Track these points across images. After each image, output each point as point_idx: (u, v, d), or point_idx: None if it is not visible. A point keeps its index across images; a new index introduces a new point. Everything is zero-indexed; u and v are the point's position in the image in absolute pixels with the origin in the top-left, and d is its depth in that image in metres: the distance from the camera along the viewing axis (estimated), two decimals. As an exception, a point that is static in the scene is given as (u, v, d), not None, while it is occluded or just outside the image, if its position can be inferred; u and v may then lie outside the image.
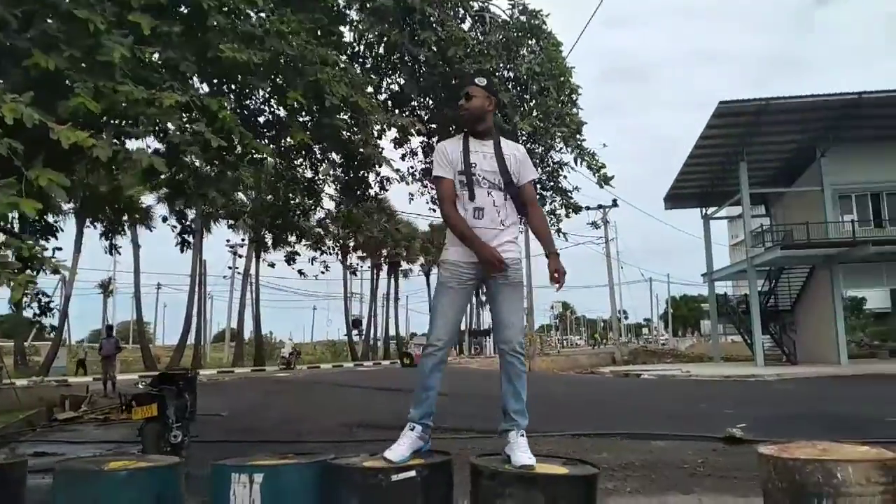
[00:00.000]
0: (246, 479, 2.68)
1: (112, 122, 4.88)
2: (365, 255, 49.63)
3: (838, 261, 23.47)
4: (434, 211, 10.31)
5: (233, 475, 2.70)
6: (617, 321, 36.28)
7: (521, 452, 2.79)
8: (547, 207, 8.94)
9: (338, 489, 2.69)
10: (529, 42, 8.10)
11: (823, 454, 2.77)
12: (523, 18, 7.91)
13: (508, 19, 8.07)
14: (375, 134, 7.40)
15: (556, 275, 3.09)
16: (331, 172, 8.30)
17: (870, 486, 2.57)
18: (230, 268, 41.17)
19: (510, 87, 7.74)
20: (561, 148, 7.68)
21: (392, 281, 54.33)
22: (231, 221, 28.47)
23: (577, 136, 7.95)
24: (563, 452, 6.85)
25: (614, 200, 32.72)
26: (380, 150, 7.69)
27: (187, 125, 5.33)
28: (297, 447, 7.86)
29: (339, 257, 45.04)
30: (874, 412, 10.50)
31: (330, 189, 9.99)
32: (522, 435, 2.93)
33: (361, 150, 6.81)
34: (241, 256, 38.15)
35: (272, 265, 12.20)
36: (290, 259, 11.81)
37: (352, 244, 46.69)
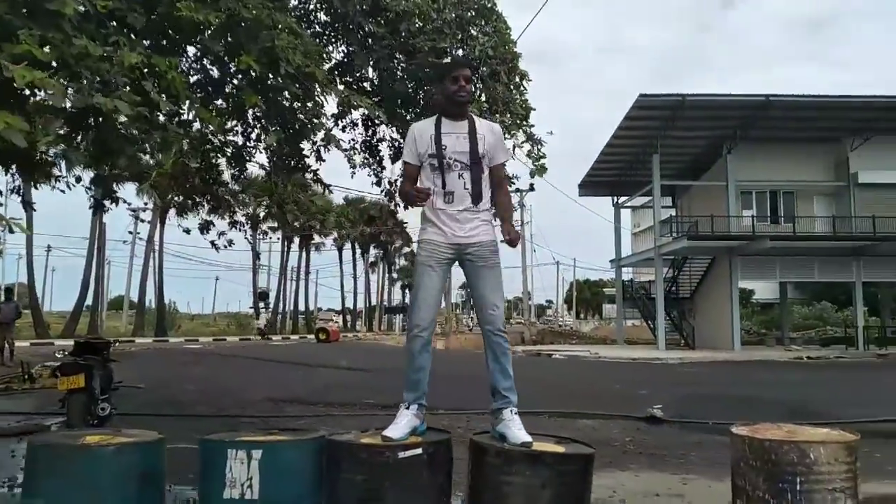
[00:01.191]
0: (244, 455, 2.61)
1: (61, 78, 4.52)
2: (276, 226, 48.38)
3: (737, 253, 25.04)
4: (377, 185, 10.16)
5: (229, 451, 2.62)
6: (528, 302, 37.21)
7: (518, 430, 2.85)
8: None
9: (341, 466, 2.66)
10: (481, 23, 8.07)
11: (793, 436, 2.99)
12: (473, -1, 7.87)
13: (462, -2, 7.99)
14: (326, 106, 7.20)
15: (511, 236, 3.18)
16: (264, 140, 8.01)
17: (837, 465, 2.81)
18: (130, 233, 39.02)
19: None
20: (509, 135, 7.73)
21: (303, 254, 53.36)
22: (138, 185, 27.06)
23: (525, 122, 8.04)
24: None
25: (531, 184, 33.31)
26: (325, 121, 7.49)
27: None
28: (229, 422, 7.69)
29: (249, 228, 43.80)
30: (776, 396, 11.37)
31: (262, 157, 9.66)
32: (515, 412, 2.98)
33: (314, 120, 6.62)
34: (143, 221, 36.33)
35: (187, 231, 11.61)
36: (205, 228, 11.37)
37: (262, 214, 45.49)
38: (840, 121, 25.15)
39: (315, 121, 6.89)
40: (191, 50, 6.50)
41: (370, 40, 7.85)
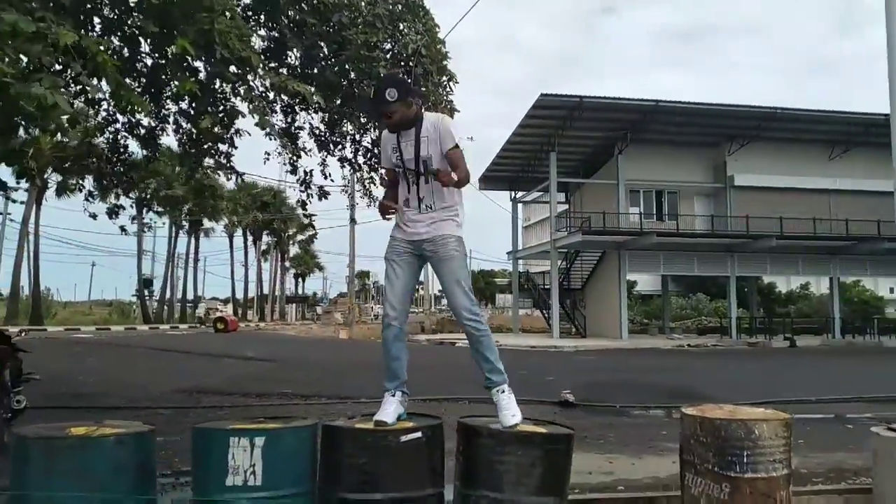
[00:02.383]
0: (247, 443, 2.63)
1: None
2: (163, 209, 45.98)
3: (626, 247, 26.57)
4: (292, 174, 10.01)
5: (231, 439, 2.64)
6: (429, 292, 37.61)
7: (506, 412, 3.04)
8: None
9: (342, 450, 2.76)
10: (412, 20, 8.15)
11: (739, 415, 3.37)
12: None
13: (392, -9, 8.03)
14: (260, 90, 7.09)
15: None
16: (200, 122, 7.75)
17: (777, 440, 3.20)
18: (1, 213, 35.92)
19: (399, 63, 7.79)
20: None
21: (192, 240, 51.07)
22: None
23: (451, 122, 8.17)
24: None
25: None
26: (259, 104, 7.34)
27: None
28: (143, 413, 7.41)
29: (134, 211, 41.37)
30: (670, 380, 12.32)
31: (171, 140, 9.32)
32: (503, 391, 3.16)
33: (249, 104, 6.49)
34: (14, 202, 33.48)
35: (94, 216, 10.92)
36: (113, 213, 10.83)
37: (148, 196, 43.09)
38: (720, 127, 27.22)
39: (250, 105, 6.76)
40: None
41: (297, 27, 7.76)
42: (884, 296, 57.40)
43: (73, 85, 5.55)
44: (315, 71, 8.28)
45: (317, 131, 9.21)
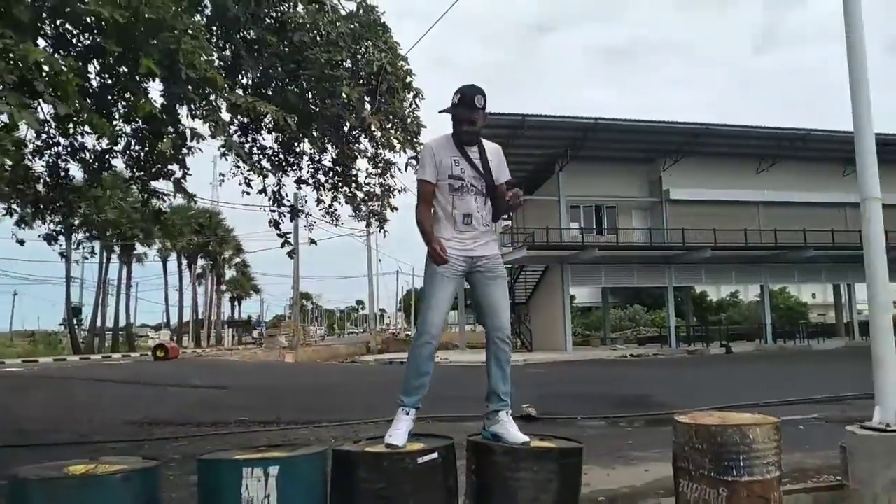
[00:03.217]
0: (261, 473, 2.55)
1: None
2: (91, 234, 44.10)
3: (568, 262, 27.11)
4: (247, 195, 9.81)
5: (244, 469, 2.56)
6: (374, 311, 37.32)
7: (515, 430, 3.06)
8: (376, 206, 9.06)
9: (358, 475, 2.71)
10: (374, 38, 8.17)
11: (732, 421, 3.49)
12: (360, 12, 7.96)
13: (354, 10, 8.05)
14: (223, 111, 6.94)
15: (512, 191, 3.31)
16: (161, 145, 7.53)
17: (768, 443, 3.33)
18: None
19: (361, 81, 7.77)
20: (401, 149, 7.89)
21: (124, 266, 49.11)
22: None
23: (416, 139, 8.23)
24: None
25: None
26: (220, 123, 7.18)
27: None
28: (94, 449, 7.06)
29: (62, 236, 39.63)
30: (620, 390, 12.57)
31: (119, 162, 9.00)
32: (510, 413, 3.20)
33: (211, 126, 6.35)
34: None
35: (21, 242, 10.37)
36: (52, 238, 10.37)
37: (76, 221, 41.33)
38: (655, 143, 28.21)
39: (212, 126, 6.62)
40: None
41: (256, 46, 7.66)
42: (807, 301, 60.41)
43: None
44: (271, 91, 8.18)
45: (269, 151, 9.07)
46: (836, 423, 7.94)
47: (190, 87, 6.14)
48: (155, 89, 6.63)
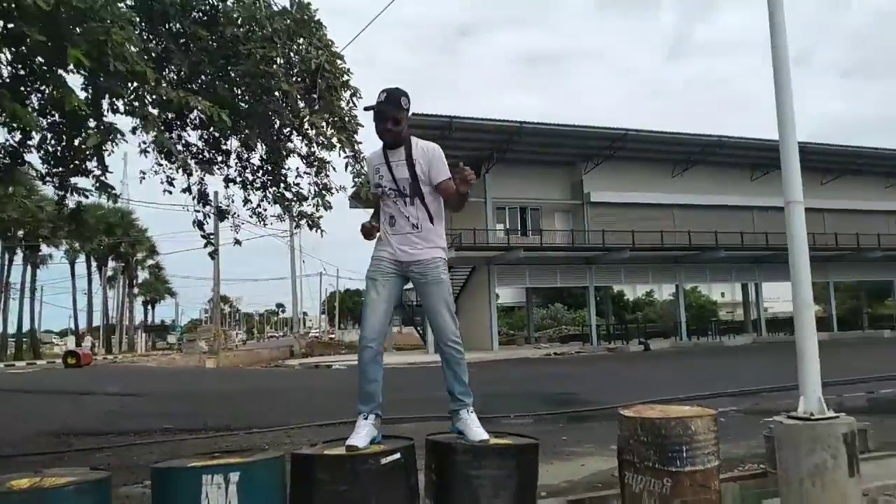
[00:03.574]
0: (221, 480, 2.49)
1: None
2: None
3: (495, 262, 27.51)
4: (169, 193, 9.44)
5: (204, 476, 2.49)
6: (297, 315, 36.60)
7: (476, 428, 3.09)
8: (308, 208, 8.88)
9: (319, 478, 2.67)
10: (309, 35, 8.05)
11: (674, 413, 3.63)
12: (293, 8, 7.83)
13: (287, 6, 7.91)
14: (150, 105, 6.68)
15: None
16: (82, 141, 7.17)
17: (708, 434, 3.49)
18: None
19: (297, 79, 7.65)
20: (340, 148, 7.81)
21: (28, 268, 46.25)
22: None
23: (354, 138, 8.17)
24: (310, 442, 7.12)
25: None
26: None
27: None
28: (11, 463, 6.65)
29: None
30: (549, 388, 12.86)
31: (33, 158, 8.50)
32: (471, 412, 3.22)
33: (141, 121, 6.11)
34: None
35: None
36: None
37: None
38: (576, 147, 29.02)
39: (142, 122, 6.36)
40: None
41: (185, 39, 7.41)
42: (717, 300, 63.56)
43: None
44: (200, 86, 7.93)
45: (193, 149, 8.79)
46: (753, 415, 8.42)
47: (119, 80, 5.89)
48: (72, 81, 6.31)
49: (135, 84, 6.03)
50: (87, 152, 7.96)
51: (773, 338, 34.20)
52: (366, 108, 3.38)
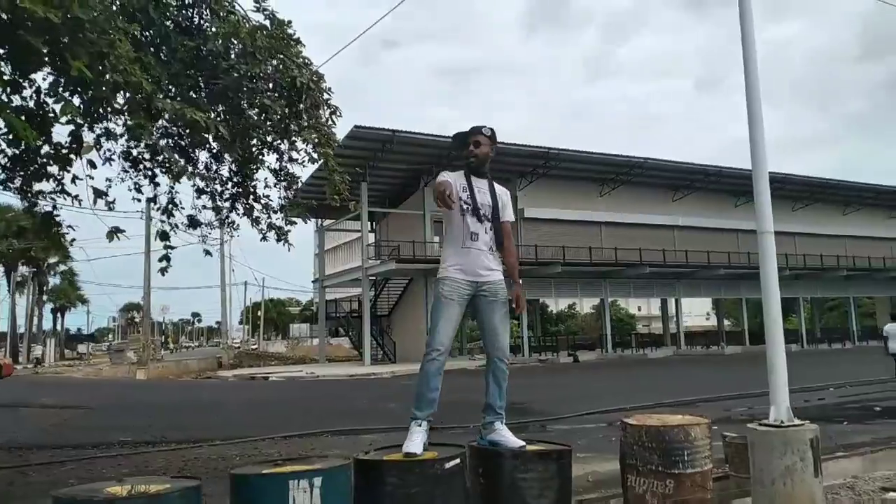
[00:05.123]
0: (306, 485, 2.69)
1: None
2: None
3: (432, 274, 27.79)
4: (137, 201, 9.29)
5: (290, 482, 2.69)
6: (227, 325, 35.71)
7: (512, 437, 3.40)
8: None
9: (390, 482, 2.91)
10: (287, 53, 8.22)
11: (674, 422, 4.06)
12: (271, 25, 7.97)
13: (263, 22, 8.05)
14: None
15: (517, 302, 3.67)
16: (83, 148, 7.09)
17: (704, 440, 3.93)
18: None
19: (276, 95, 7.79)
20: (326, 168, 7.96)
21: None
22: None
23: (332, 154, 8.34)
24: (297, 452, 7.25)
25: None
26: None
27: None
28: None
29: None
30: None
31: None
32: (504, 423, 3.53)
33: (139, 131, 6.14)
34: None
35: None
36: None
37: None
38: (511, 164, 29.77)
39: (141, 130, 6.39)
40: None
41: (165, 49, 7.43)
42: (635, 314, 66.19)
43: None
44: (178, 97, 7.94)
45: (160, 157, 8.73)
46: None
47: (114, 90, 5.93)
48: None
49: (128, 95, 6.07)
50: (48, 160, 7.83)
51: (692, 351, 36.11)
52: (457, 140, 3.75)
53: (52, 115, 6.49)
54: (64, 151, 7.42)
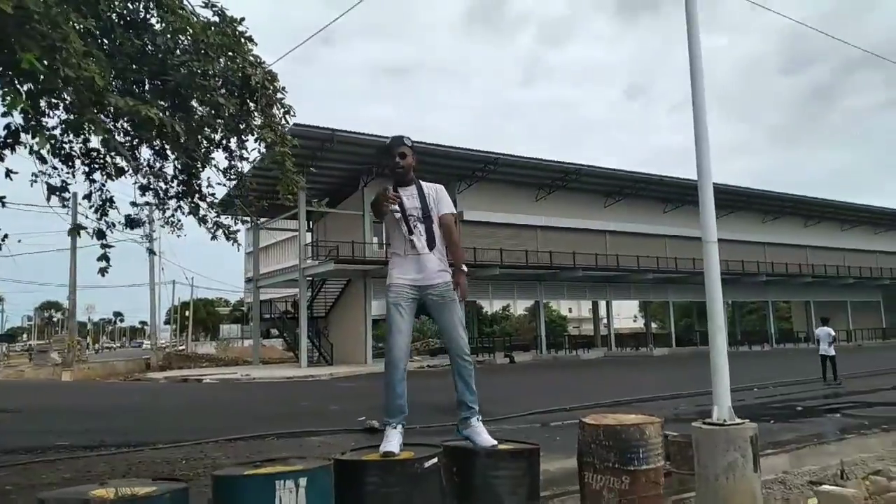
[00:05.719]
0: (292, 485, 2.74)
1: None
2: None
3: (372, 275, 27.74)
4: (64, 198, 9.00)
5: (277, 482, 2.73)
6: (156, 325, 34.49)
7: (485, 435, 3.53)
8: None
9: (369, 481, 2.99)
10: (240, 51, 8.14)
11: (628, 421, 4.27)
12: (221, 23, 7.88)
13: (212, 18, 7.96)
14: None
15: (459, 288, 3.79)
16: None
17: (658, 438, 4.16)
18: None
19: (227, 92, 7.70)
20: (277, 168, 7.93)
21: None
22: None
23: (288, 152, 8.30)
24: (245, 455, 7.20)
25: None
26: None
27: None
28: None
29: None
30: (434, 398, 13.35)
31: None
32: (479, 420, 3.65)
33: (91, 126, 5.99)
34: None
35: None
36: None
37: None
38: (452, 168, 30.05)
39: (94, 126, 6.22)
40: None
41: (107, 44, 7.25)
42: (566, 315, 67.70)
43: None
44: (125, 92, 7.76)
45: (93, 154, 8.50)
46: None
47: (68, 85, 5.77)
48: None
49: (76, 89, 5.90)
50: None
51: (622, 352, 37.30)
52: (380, 149, 3.81)
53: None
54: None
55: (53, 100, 6.06)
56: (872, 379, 16.18)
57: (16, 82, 6.18)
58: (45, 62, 5.33)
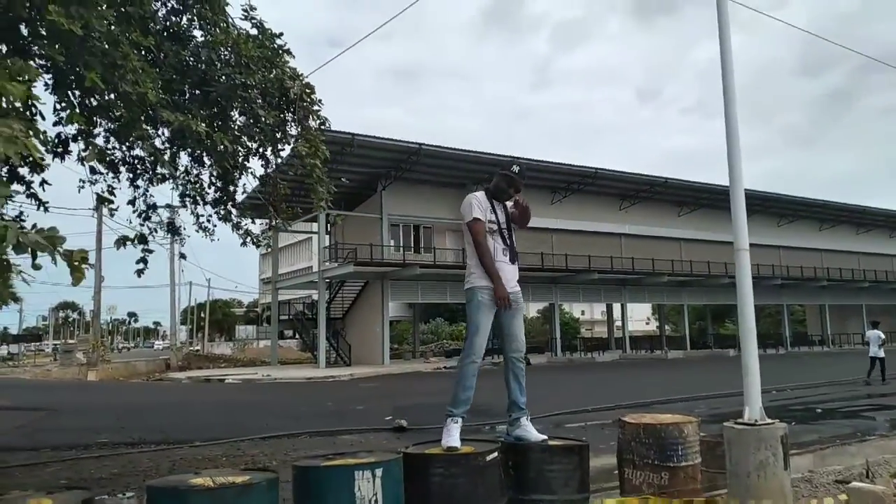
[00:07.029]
0: (370, 475, 3.00)
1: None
2: None
3: (389, 278, 28.06)
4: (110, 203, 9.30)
5: (356, 472, 2.99)
6: (176, 327, 34.91)
7: (536, 432, 3.79)
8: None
9: (437, 472, 3.24)
10: (278, 64, 8.42)
11: (667, 420, 4.50)
12: (261, 37, 8.16)
13: (252, 32, 8.25)
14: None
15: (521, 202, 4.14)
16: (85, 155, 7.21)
17: (695, 436, 4.39)
18: None
19: (273, 104, 7.99)
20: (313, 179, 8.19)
21: None
22: None
23: (321, 162, 8.56)
24: (283, 452, 7.45)
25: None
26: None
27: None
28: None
29: None
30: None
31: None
32: (529, 418, 3.91)
33: (141, 140, 6.31)
34: None
35: None
36: None
37: None
38: (468, 171, 30.28)
39: (140, 140, 6.54)
40: None
41: (152, 55, 7.55)
42: (579, 318, 67.71)
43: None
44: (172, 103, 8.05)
45: (134, 161, 8.80)
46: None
47: (121, 101, 6.08)
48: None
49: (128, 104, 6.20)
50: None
51: (637, 355, 37.37)
52: (509, 174, 4.14)
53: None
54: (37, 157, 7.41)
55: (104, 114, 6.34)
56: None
57: (71, 97, 6.53)
58: (107, 79, 5.65)
